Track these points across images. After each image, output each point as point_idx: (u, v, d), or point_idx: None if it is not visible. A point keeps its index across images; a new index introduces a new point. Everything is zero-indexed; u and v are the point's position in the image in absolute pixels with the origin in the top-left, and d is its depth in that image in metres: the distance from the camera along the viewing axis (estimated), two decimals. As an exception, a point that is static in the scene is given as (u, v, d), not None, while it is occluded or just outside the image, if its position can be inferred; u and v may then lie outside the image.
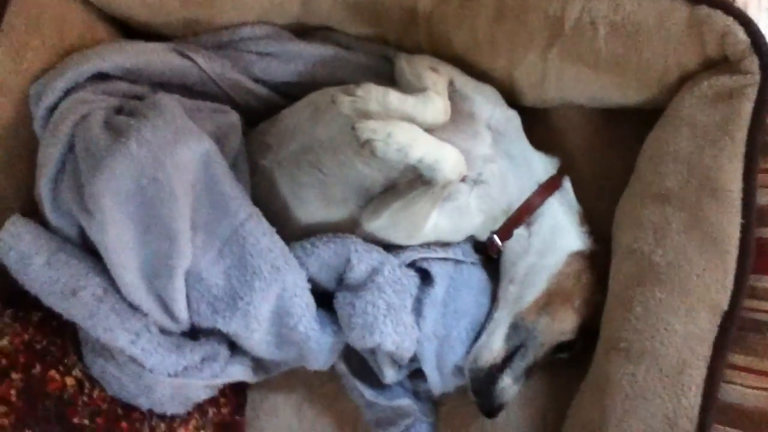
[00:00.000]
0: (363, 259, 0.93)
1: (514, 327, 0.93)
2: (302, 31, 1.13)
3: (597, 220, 1.01)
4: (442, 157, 0.86)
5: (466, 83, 1.00)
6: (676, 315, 0.82)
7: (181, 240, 0.87)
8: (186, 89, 1.05)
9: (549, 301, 0.93)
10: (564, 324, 0.93)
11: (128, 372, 0.86)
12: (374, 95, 0.87)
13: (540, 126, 1.08)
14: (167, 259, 0.87)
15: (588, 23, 0.93)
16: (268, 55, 1.09)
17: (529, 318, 0.93)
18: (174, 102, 0.94)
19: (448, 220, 0.95)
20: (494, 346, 0.92)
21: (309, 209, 0.98)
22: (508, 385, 0.91)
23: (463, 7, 1.01)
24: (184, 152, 0.88)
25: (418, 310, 0.93)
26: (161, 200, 0.86)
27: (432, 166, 0.85)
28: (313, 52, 1.10)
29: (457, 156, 0.87)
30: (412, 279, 0.94)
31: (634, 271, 0.89)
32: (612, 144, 1.07)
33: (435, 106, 0.89)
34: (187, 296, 0.89)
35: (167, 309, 0.88)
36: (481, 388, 0.92)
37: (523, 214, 0.97)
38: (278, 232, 0.95)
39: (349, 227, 0.97)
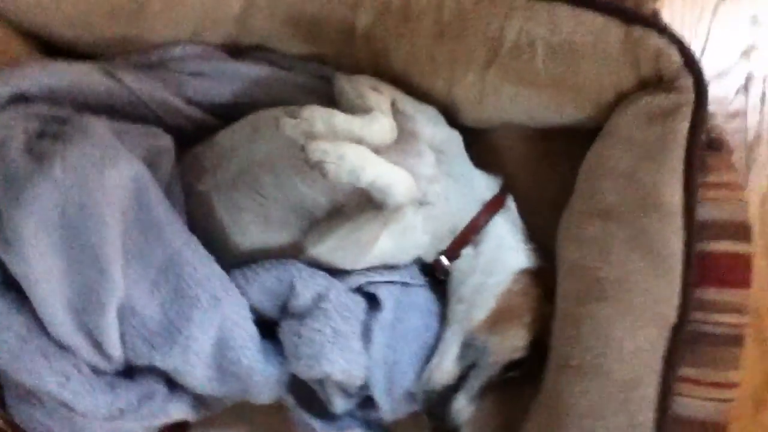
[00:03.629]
0: (308, 285, 0.89)
1: (466, 346, 0.91)
2: (237, 51, 1.10)
3: (538, 237, 1.01)
4: (394, 180, 0.85)
5: (407, 103, 0.99)
6: (625, 330, 0.82)
7: (112, 271, 0.81)
8: (114, 111, 0.99)
9: (498, 319, 0.92)
10: (515, 341, 0.92)
11: (58, 417, 0.79)
12: (319, 116, 0.85)
13: (480, 145, 1.07)
14: (97, 292, 0.81)
15: (526, 44, 0.93)
16: (201, 75, 1.05)
17: (480, 337, 0.91)
18: (101, 124, 0.89)
19: (395, 242, 0.93)
20: (446, 366, 0.90)
21: (249, 234, 0.94)
22: (463, 405, 0.89)
23: (402, 26, 1.00)
24: (113, 177, 0.83)
25: (366, 335, 0.90)
26: (89, 229, 0.80)
27: (384, 189, 0.84)
28: (248, 72, 1.06)
29: (409, 179, 0.86)
30: (359, 304, 0.91)
31: (580, 288, 0.89)
32: (550, 162, 1.08)
33: (381, 126, 0.87)
34: (120, 332, 0.83)
35: (99, 347, 0.82)
36: (435, 410, 0.89)
37: (469, 234, 0.96)
38: (217, 259, 0.90)
39: (293, 252, 0.93)
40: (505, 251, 0.95)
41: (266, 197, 0.92)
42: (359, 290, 0.93)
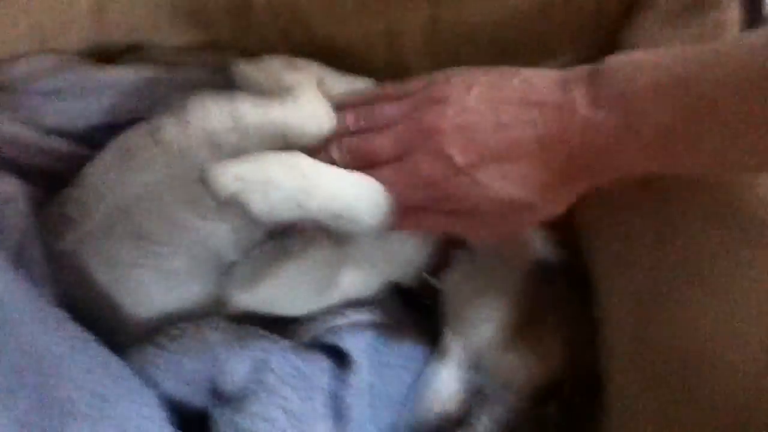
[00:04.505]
0: (237, 354, 0.60)
1: (471, 367, 0.64)
2: (105, 57, 0.82)
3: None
4: (356, 195, 0.55)
5: (339, 80, 0.71)
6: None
7: None
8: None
9: (512, 331, 0.65)
10: (539, 356, 0.64)
11: None
12: (217, 112, 0.58)
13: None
14: None
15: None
16: (60, 93, 0.77)
17: (489, 356, 0.64)
18: None
19: (361, 271, 0.65)
20: (444, 388, 0.63)
21: (148, 299, 0.65)
22: None
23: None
24: None
25: (337, 411, 0.60)
26: None
27: (343, 214, 0.55)
28: (121, 77, 0.78)
29: (376, 189, 0.56)
30: (317, 365, 0.62)
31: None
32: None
33: (313, 108, 0.59)
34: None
35: None
36: None
37: None
38: (106, 340, 0.62)
39: (214, 309, 0.65)
40: (512, 241, 0.68)
41: (155, 243, 0.63)
42: (315, 344, 0.64)
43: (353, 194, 0.55)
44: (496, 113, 0.53)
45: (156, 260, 0.64)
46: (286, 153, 0.55)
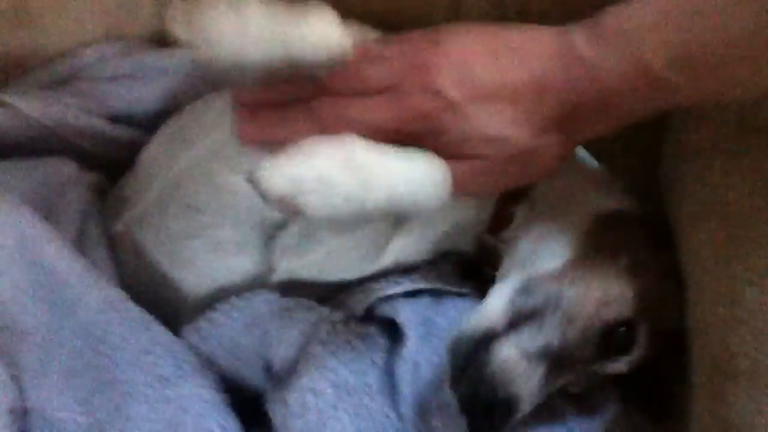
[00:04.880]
0: (286, 327, 0.58)
1: (525, 290, 0.57)
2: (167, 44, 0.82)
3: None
4: (417, 180, 0.51)
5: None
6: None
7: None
8: (15, 149, 0.74)
9: (578, 266, 0.58)
10: (606, 291, 0.56)
11: None
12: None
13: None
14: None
15: None
16: (126, 78, 0.78)
17: (550, 286, 0.57)
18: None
19: (413, 236, 0.61)
20: (493, 304, 0.56)
21: (200, 271, 0.64)
22: (512, 358, 0.53)
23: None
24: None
25: (389, 385, 0.57)
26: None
27: (404, 200, 0.51)
28: (180, 61, 0.78)
29: (436, 166, 0.51)
30: (371, 339, 0.59)
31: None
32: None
33: (324, 31, 0.51)
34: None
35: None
36: (466, 364, 0.53)
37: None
38: (164, 319, 0.62)
39: (263, 280, 0.63)
40: (579, 191, 0.62)
41: (206, 212, 0.62)
42: (368, 315, 0.60)
43: (414, 179, 0.51)
44: (494, 56, 0.51)
45: (206, 230, 0.63)
46: (337, 141, 0.50)
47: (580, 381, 0.57)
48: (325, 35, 0.50)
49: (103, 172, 0.76)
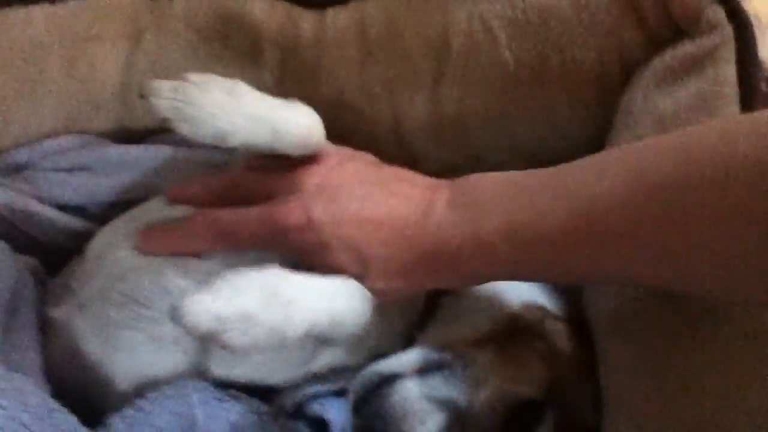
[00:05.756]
0: (213, 416, 0.57)
1: (441, 347, 0.58)
2: (129, 140, 0.86)
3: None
4: (340, 311, 0.54)
5: None
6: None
7: None
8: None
9: (494, 339, 0.59)
10: (519, 368, 0.58)
11: None
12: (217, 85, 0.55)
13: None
14: None
15: (481, 33, 0.69)
16: (83, 170, 0.80)
17: (465, 347, 0.58)
18: None
19: (344, 346, 0.63)
20: (404, 355, 0.57)
21: (135, 360, 0.63)
22: (412, 397, 0.53)
23: (319, 61, 0.77)
24: None
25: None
26: None
27: (326, 332, 0.54)
28: (141, 155, 0.81)
29: (359, 293, 0.55)
30: (299, 434, 0.58)
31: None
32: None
33: (309, 117, 0.58)
34: None
35: None
36: (370, 397, 0.54)
37: None
38: (91, 409, 0.61)
39: (198, 377, 0.63)
40: (505, 284, 0.64)
41: (148, 306, 0.63)
42: (298, 411, 0.60)
43: (337, 310, 0.53)
44: (361, 188, 0.56)
45: (146, 324, 0.63)
46: (262, 274, 0.52)
47: None
48: (309, 122, 0.56)
49: (52, 259, 0.76)
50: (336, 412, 0.59)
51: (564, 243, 0.47)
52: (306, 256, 0.56)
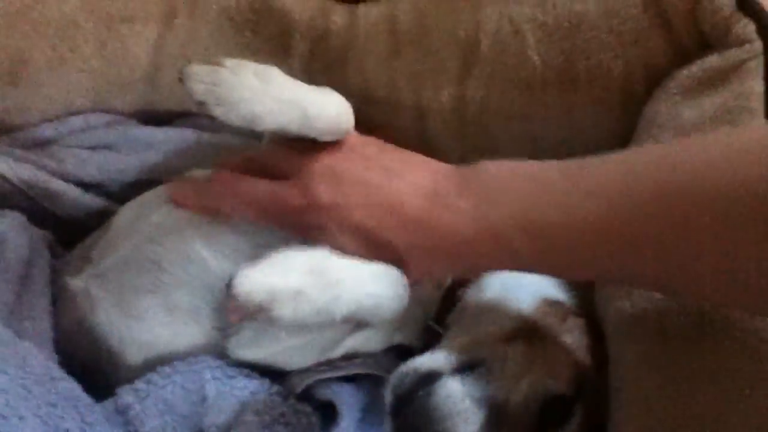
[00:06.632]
0: (224, 392, 0.58)
1: (473, 343, 0.58)
2: (158, 119, 0.87)
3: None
4: (382, 295, 0.55)
5: None
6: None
7: None
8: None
9: (525, 333, 0.60)
10: (550, 364, 0.58)
11: None
12: (251, 71, 0.55)
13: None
14: None
15: (511, 34, 0.69)
16: (106, 149, 0.81)
17: (497, 344, 0.58)
18: None
19: (369, 333, 0.63)
20: (439, 353, 0.56)
21: (148, 327, 0.63)
22: (456, 395, 0.52)
23: (347, 53, 0.78)
24: None
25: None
26: None
27: (368, 313, 0.55)
28: (166, 137, 0.82)
29: (399, 280, 0.56)
30: (305, 417, 0.58)
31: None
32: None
33: (340, 103, 0.58)
34: None
35: None
36: (409, 395, 0.52)
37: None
38: (101, 378, 0.61)
39: (213, 353, 0.64)
40: (525, 279, 0.64)
41: (167, 270, 0.63)
42: (307, 394, 0.61)
43: (379, 294, 0.55)
44: (369, 172, 0.56)
45: (163, 288, 0.63)
46: (313, 254, 0.54)
47: None
48: (340, 109, 0.57)
49: (56, 232, 0.76)
50: (345, 396, 0.59)
51: (590, 241, 0.47)
52: (308, 236, 0.57)
